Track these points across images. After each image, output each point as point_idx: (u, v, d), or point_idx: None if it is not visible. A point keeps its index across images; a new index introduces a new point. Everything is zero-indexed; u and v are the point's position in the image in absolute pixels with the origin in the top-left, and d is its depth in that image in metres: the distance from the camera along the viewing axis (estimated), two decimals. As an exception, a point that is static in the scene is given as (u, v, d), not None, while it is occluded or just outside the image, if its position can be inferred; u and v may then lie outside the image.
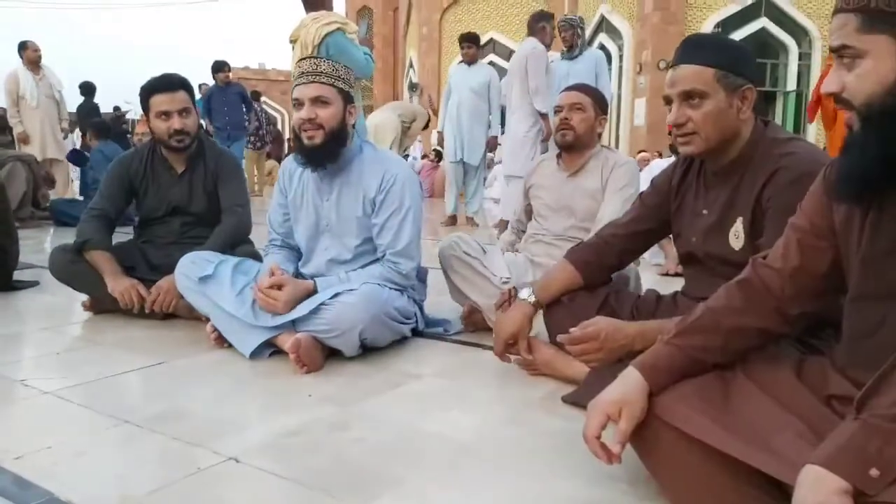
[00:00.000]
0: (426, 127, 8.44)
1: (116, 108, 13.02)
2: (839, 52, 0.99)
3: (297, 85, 2.14)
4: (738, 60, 1.55)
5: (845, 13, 0.98)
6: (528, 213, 2.79)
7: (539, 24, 5.19)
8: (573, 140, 2.55)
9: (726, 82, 1.53)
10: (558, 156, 2.68)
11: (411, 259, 2.23)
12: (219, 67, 8.56)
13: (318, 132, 2.09)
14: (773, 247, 1.22)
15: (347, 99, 2.16)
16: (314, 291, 2.12)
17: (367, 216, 2.23)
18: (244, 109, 8.81)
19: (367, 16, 27.93)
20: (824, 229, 1.14)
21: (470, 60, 6.21)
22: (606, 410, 1.15)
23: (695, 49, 1.56)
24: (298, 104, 2.12)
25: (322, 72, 2.10)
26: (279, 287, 2.08)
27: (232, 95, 8.61)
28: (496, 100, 6.20)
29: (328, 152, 2.15)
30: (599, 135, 2.64)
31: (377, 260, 2.26)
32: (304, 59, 2.17)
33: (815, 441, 0.97)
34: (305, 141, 2.12)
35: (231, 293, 2.16)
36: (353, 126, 2.21)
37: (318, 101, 2.09)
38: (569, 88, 2.66)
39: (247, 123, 9.07)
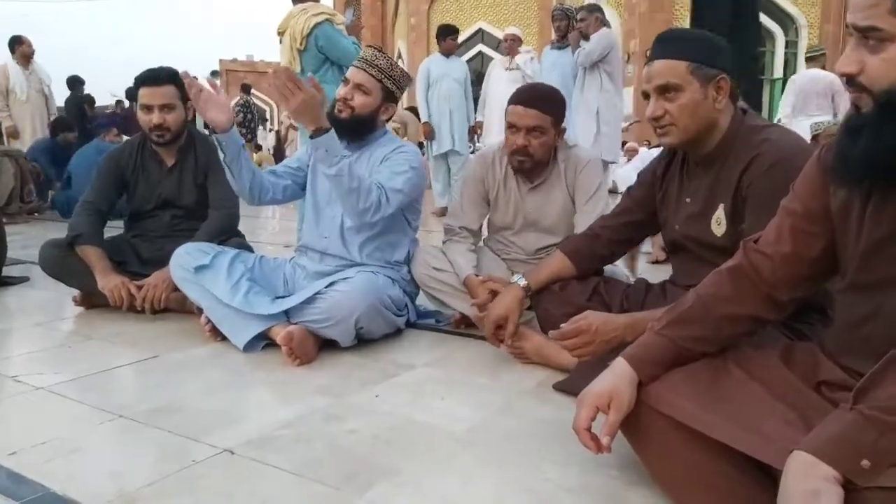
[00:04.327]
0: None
1: (118, 102, 12.07)
2: (865, 33, 0.92)
3: (353, 65, 2.31)
4: (710, 51, 1.57)
5: None
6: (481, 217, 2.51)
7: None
8: (531, 167, 2.28)
9: (700, 74, 1.55)
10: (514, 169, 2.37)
11: (388, 199, 2.16)
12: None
13: (346, 111, 2.25)
14: (765, 230, 1.21)
15: (388, 96, 2.30)
16: (326, 129, 1.99)
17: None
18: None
19: (355, 6, 27.75)
20: (818, 213, 1.12)
21: (449, 52, 6.22)
22: (595, 402, 1.15)
23: (667, 44, 1.60)
24: (345, 82, 2.29)
25: (377, 65, 2.27)
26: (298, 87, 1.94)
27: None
28: (470, 89, 6.29)
29: (347, 128, 2.26)
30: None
31: (378, 248, 2.32)
32: (371, 47, 2.35)
33: (803, 427, 0.98)
34: (335, 112, 2.27)
35: (227, 283, 2.16)
36: (385, 120, 2.36)
37: (359, 87, 2.25)
38: (525, 100, 2.22)
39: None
